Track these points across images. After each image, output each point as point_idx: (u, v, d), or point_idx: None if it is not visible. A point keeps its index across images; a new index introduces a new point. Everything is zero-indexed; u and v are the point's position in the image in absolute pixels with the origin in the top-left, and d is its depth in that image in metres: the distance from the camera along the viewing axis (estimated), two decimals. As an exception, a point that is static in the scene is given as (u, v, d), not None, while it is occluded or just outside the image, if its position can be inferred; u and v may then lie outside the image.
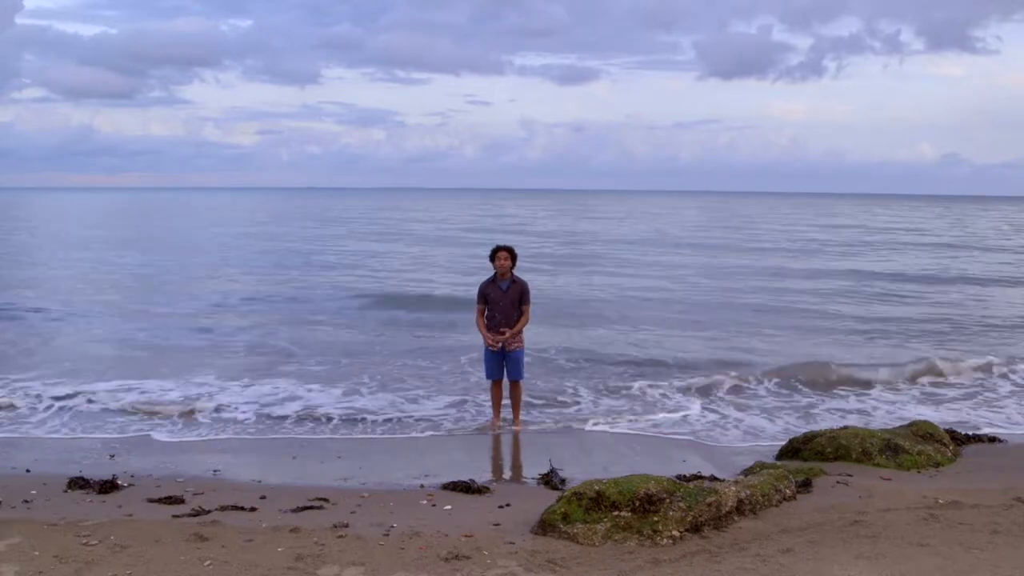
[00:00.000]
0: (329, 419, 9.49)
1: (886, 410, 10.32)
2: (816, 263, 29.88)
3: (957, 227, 57.66)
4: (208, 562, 4.97)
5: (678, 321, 16.96)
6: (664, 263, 29.53)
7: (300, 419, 9.49)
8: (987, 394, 11.12)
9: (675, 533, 5.39)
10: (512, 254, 9.09)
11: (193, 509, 6.15)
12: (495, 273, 9.11)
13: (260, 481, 7.18)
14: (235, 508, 6.19)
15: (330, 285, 22.27)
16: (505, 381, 9.28)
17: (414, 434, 8.98)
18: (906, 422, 8.79)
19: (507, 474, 8.08)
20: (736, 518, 5.75)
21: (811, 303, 19.75)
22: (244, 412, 9.68)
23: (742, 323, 16.74)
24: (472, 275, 20.13)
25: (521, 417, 9.36)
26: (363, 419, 9.50)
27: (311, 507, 6.25)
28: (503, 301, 9.02)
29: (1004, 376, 11.95)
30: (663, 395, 10.68)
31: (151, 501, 6.41)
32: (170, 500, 6.42)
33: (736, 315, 17.81)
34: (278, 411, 9.73)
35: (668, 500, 5.56)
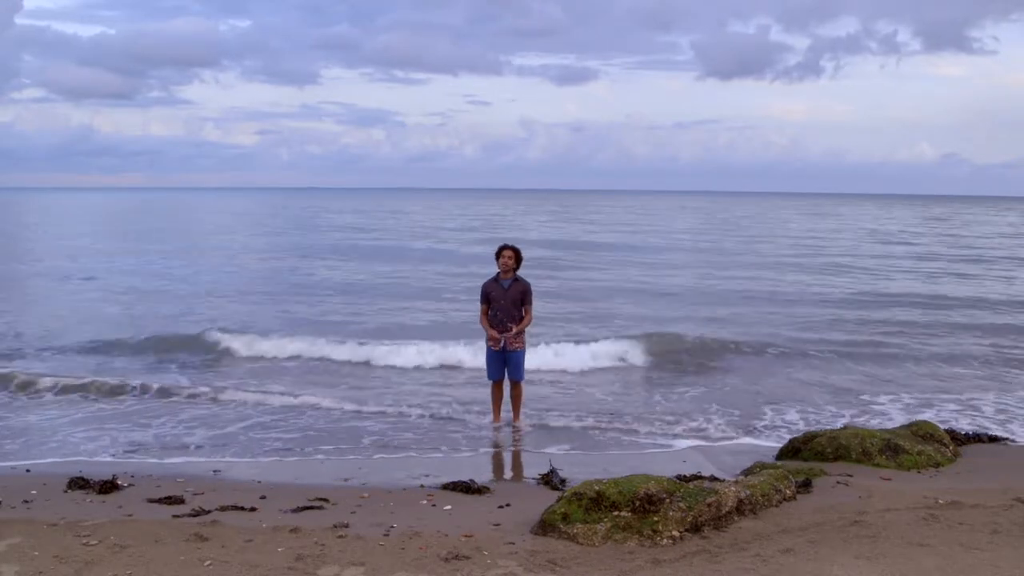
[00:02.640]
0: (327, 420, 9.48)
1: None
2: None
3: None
4: (208, 562, 4.97)
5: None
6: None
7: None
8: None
9: (675, 533, 5.39)
10: (517, 255, 9.12)
11: (193, 509, 6.15)
12: (498, 272, 9.14)
13: (260, 481, 7.18)
14: (235, 508, 6.19)
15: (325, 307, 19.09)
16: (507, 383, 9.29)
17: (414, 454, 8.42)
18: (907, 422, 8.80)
19: (507, 474, 8.08)
20: (736, 518, 5.74)
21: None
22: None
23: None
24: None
25: (522, 418, 9.37)
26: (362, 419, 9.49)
27: (311, 507, 6.25)
28: (504, 300, 9.05)
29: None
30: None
31: (151, 501, 6.41)
32: (170, 500, 6.42)
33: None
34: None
35: (668, 500, 5.56)
